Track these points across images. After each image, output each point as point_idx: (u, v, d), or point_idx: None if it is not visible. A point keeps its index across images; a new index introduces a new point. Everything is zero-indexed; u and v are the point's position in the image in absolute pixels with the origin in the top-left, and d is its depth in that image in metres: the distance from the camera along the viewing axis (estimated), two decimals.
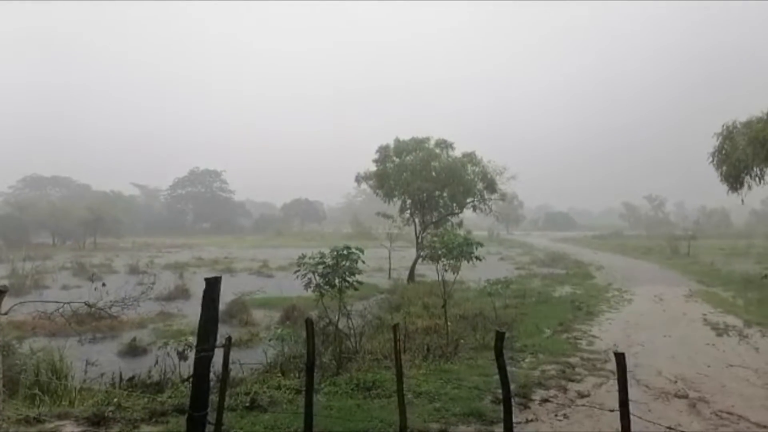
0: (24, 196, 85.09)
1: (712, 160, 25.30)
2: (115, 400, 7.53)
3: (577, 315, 16.24)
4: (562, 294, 21.57)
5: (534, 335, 13.23)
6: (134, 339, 14.01)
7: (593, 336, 13.21)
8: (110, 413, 7.03)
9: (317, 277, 10.95)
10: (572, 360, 10.73)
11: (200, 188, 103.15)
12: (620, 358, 4.55)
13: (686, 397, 8.41)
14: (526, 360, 10.74)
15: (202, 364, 4.78)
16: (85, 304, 7.78)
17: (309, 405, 5.88)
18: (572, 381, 9.27)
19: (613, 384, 8.03)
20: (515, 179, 31.32)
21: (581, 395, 8.49)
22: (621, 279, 26.67)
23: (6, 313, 6.24)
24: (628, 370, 4.64)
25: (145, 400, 7.56)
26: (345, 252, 10.92)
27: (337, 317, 11.21)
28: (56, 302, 7.20)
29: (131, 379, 9.36)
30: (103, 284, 12.28)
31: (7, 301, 6.07)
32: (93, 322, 14.76)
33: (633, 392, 6.01)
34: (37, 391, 7.96)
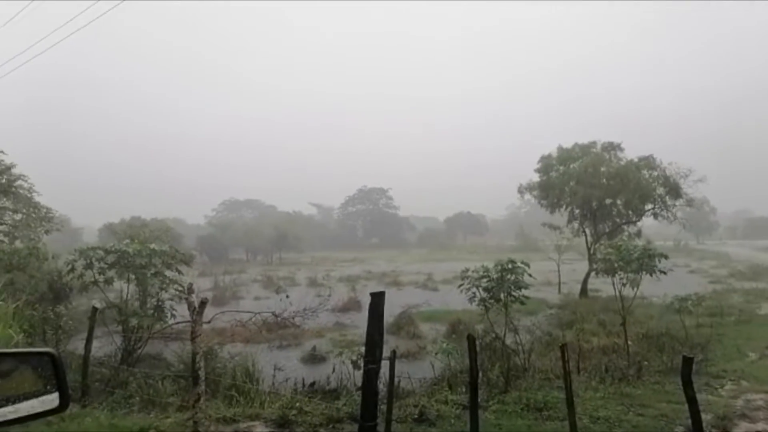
0: (223, 218, 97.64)
1: None
2: (298, 404, 8.18)
3: None
4: None
5: (735, 359, 11.51)
6: (314, 347, 15.15)
7: None
8: (293, 416, 7.67)
9: (481, 291, 10.79)
10: None
11: (368, 205, 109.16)
12: None
13: None
14: (726, 387, 9.37)
15: (370, 376, 4.99)
16: (273, 314, 8.68)
17: (474, 421, 5.81)
18: None
19: None
20: (704, 182, 27.70)
21: None
22: None
23: (209, 321, 7.22)
24: None
25: (323, 406, 8.11)
26: (509, 265, 10.62)
27: (503, 332, 10.92)
28: (249, 312, 8.14)
29: (312, 384, 10.09)
30: (287, 296, 13.49)
31: (210, 310, 7.03)
32: (279, 330, 16.28)
33: None
34: (233, 392, 8.93)
